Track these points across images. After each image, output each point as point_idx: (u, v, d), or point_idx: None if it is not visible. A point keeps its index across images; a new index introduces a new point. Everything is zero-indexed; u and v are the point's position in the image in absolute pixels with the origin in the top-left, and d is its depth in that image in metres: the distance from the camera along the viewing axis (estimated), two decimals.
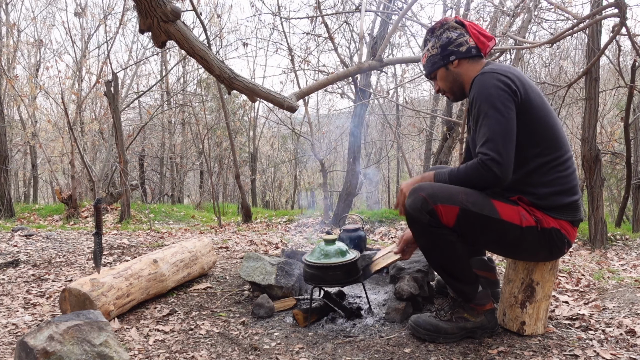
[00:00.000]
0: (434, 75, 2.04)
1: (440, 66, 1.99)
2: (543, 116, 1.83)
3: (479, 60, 1.97)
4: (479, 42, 1.95)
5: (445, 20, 1.99)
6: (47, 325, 1.53)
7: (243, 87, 2.21)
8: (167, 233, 5.24)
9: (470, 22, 1.98)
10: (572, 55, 9.39)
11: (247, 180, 12.87)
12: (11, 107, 11.70)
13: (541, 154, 1.82)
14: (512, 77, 1.80)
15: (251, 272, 2.50)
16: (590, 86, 4.42)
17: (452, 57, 1.96)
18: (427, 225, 1.79)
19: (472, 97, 1.84)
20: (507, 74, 1.81)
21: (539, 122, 1.82)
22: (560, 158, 1.84)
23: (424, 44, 2.06)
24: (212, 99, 12.32)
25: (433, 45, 1.99)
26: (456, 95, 2.06)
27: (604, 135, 8.52)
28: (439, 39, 1.98)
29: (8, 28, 10.66)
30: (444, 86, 2.04)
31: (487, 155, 1.72)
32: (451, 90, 2.05)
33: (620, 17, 2.97)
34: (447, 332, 1.94)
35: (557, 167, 1.83)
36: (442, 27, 1.98)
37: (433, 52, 1.99)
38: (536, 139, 1.82)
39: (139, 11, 1.89)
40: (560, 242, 1.85)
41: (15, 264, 3.28)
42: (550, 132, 1.84)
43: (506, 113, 1.75)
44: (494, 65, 1.88)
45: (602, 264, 3.63)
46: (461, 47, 1.94)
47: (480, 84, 1.81)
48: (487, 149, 1.73)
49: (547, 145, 1.83)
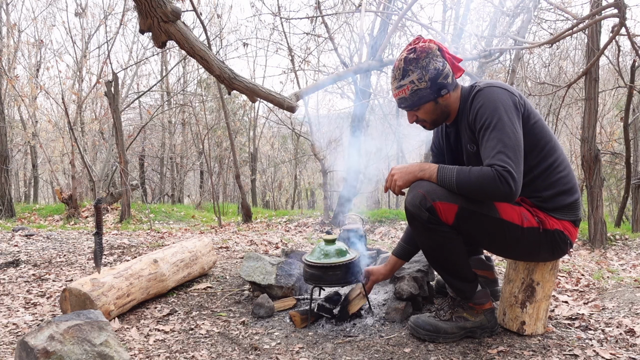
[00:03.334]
0: (417, 109, 1.90)
1: (429, 100, 1.86)
2: (538, 120, 1.84)
3: (458, 85, 1.92)
4: (454, 67, 1.89)
5: (429, 47, 1.83)
6: (48, 325, 1.54)
7: (243, 87, 2.21)
8: (167, 233, 5.24)
9: (443, 45, 1.89)
10: (572, 55, 9.40)
11: (247, 180, 12.87)
12: (12, 107, 11.72)
13: (544, 159, 1.83)
14: (515, 92, 1.81)
15: (251, 272, 2.50)
16: (589, 86, 4.43)
17: (443, 92, 1.85)
18: (426, 222, 1.79)
19: (477, 109, 1.78)
20: (510, 89, 1.81)
21: (537, 131, 1.83)
22: (558, 160, 1.86)
23: (402, 73, 1.85)
24: (212, 99, 12.33)
25: (420, 77, 1.82)
26: (437, 124, 1.97)
27: (603, 135, 8.53)
28: (425, 70, 1.82)
29: (9, 28, 10.67)
30: (426, 118, 1.92)
31: (504, 167, 1.65)
32: (434, 122, 1.95)
33: (620, 17, 2.98)
34: (446, 331, 1.94)
35: (557, 168, 1.85)
36: (427, 56, 1.82)
37: (420, 85, 1.83)
38: (538, 144, 1.83)
39: (139, 11, 1.89)
40: (563, 243, 1.86)
41: (16, 263, 3.28)
42: (546, 137, 1.85)
43: (516, 126, 1.73)
44: (487, 81, 1.86)
45: (601, 263, 3.63)
46: (448, 78, 1.85)
47: (488, 97, 1.77)
48: (503, 161, 1.66)
49: (548, 148, 1.84)
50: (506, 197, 1.68)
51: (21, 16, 19.72)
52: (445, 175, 1.77)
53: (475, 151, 1.85)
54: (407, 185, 1.85)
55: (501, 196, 1.68)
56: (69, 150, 8.87)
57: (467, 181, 1.71)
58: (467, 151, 1.92)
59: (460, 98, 1.91)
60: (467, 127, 1.86)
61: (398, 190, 1.86)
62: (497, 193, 1.67)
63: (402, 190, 1.87)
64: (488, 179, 1.67)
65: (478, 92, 1.81)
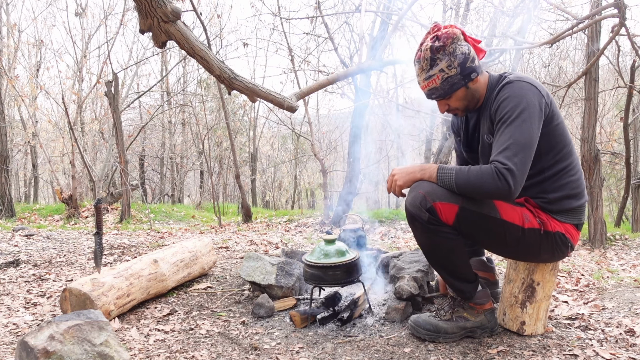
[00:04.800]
0: (449, 97, 1.87)
1: (461, 86, 1.83)
2: (561, 122, 1.82)
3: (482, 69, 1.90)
4: (477, 50, 1.87)
5: (453, 33, 1.79)
6: (48, 325, 1.54)
7: (243, 87, 2.22)
8: (167, 233, 5.24)
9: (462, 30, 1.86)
10: (572, 55, 9.40)
11: (247, 180, 12.88)
12: (12, 107, 11.72)
13: (558, 162, 1.82)
14: (543, 91, 1.76)
15: (251, 272, 2.50)
16: (589, 86, 4.43)
17: (473, 75, 1.81)
18: (426, 222, 1.79)
19: (501, 101, 1.76)
20: (539, 87, 1.76)
21: (557, 133, 1.80)
22: (571, 164, 1.84)
23: (430, 63, 1.81)
24: (212, 99, 12.33)
25: (449, 64, 1.79)
26: (469, 110, 1.92)
27: (603, 135, 8.53)
28: (453, 56, 1.78)
29: (9, 28, 10.67)
30: (459, 105, 1.89)
31: (505, 164, 1.65)
32: (465, 108, 1.90)
33: (620, 17, 2.98)
34: (446, 331, 1.94)
35: (569, 172, 1.84)
36: (453, 42, 1.78)
37: (451, 72, 1.79)
38: (556, 147, 1.81)
39: (140, 11, 1.89)
40: (564, 246, 1.85)
41: (16, 263, 3.28)
42: (565, 140, 1.83)
43: (534, 127, 1.70)
44: (520, 75, 1.81)
45: (601, 263, 3.63)
46: (475, 61, 1.82)
47: (515, 91, 1.74)
48: (506, 158, 1.65)
49: (565, 152, 1.82)
50: (504, 195, 1.67)
51: (21, 16, 19.74)
52: (444, 175, 1.77)
53: (491, 142, 1.83)
54: (407, 185, 1.85)
55: (499, 194, 1.67)
56: (69, 150, 8.87)
57: (466, 180, 1.71)
58: (482, 141, 1.91)
59: (488, 85, 1.88)
60: (488, 117, 1.84)
61: (399, 190, 1.86)
62: (495, 191, 1.66)
63: (402, 191, 1.87)
64: (487, 177, 1.67)
65: (506, 85, 1.78)
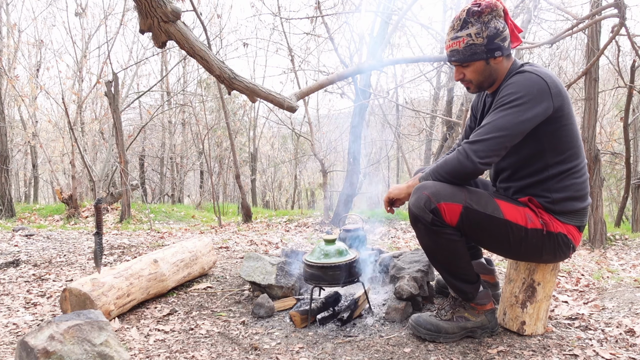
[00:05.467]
0: (467, 65, 1.85)
1: (482, 59, 1.81)
2: (572, 125, 1.80)
3: (511, 55, 1.88)
4: (513, 36, 1.84)
5: (495, 5, 1.77)
6: (48, 325, 1.54)
7: (243, 87, 2.21)
8: (167, 233, 5.24)
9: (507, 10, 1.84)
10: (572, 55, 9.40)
11: (247, 180, 12.87)
12: (12, 107, 11.72)
13: (563, 162, 1.81)
14: (553, 90, 1.72)
15: (251, 272, 2.50)
16: (589, 86, 4.43)
17: (497, 53, 1.80)
18: (430, 224, 1.78)
19: (505, 86, 1.78)
20: (552, 84, 1.73)
21: (566, 131, 1.78)
22: (579, 166, 1.84)
23: (462, 24, 1.79)
24: (212, 99, 12.33)
25: (478, 32, 1.76)
26: (482, 88, 1.92)
27: (603, 135, 8.53)
28: (486, 26, 1.76)
29: (9, 28, 10.67)
30: (474, 78, 1.87)
31: (472, 142, 1.74)
32: (480, 84, 1.89)
33: (620, 17, 2.98)
34: (447, 331, 1.94)
35: (575, 174, 1.83)
36: (491, 12, 1.76)
37: (477, 40, 1.77)
38: (561, 147, 1.80)
39: (140, 11, 1.89)
40: (566, 247, 1.85)
41: (16, 263, 3.28)
42: (576, 141, 1.82)
43: (522, 116, 1.70)
44: (537, 68, 1.79)
45: (601, 263, 3.63)
46: (505, 41, 1.80)
47: (521, 80, 1.74)
48: (475, 136, 1.75)
49: (571, 153, 1.81)
50: (470, 172, 1.75)
51: (21, 16, 19.72)
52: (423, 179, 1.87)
53: None
54: (406, 197, 1.96)
55: (465, 172, 1.75)
56: (69, 150, 8.87)
57: (435, 170, 1.83)
58: None
59: (507, 71, 1.87)
60: None
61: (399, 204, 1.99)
62: (460, 168, 1.75)
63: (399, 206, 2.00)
64: (454, 160, 1.77)
65: (517, 73, 1.78)
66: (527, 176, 1.85)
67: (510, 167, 1.90)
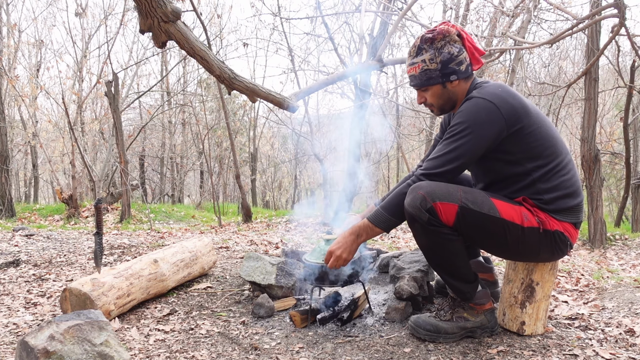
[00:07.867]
0: (425, 89, 1.94)
1: (437, 83, 1.89)
2: (538, 128, 1.82)
3: (471, 76, 1.94)
4: (473, 58, 1.91)
5: (448, 31, 1.85)
6: (48, 325, 1.54)
7: (243, 87, 2.21)
8: (167, 233, 5.25)
9: (467, 35, 1.90)
10: (572, 55, 9.41)
11: (247, 180, 12.87)
12: (12, 108, 11.73)
13: (544, 165, 1.82)
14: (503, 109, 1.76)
15: (251, 272, 2.51)
16: (589, 86, 4.43)
17: (452, 77, 1.87)
18: (426, 224, 1.79)
19: (456, 114, 1.84)
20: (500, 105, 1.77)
21: (534, 136, 1.81)
22: (562, 163, 1.84)
23: (417, 51, 1.89)
24: (213, 99, 12.33)
25: (432, 58, 1.85)
26: (444, 111, 1.99)
27: (603, 135, 8.52)
28: (439, 52, 1.85)
29: (9, 28, 10.67)
30: (434, 101, 1.95)
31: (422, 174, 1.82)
32: (441, 107, 1.97)
33: (620, 17, 2.98)
34: (447, 331, 1.94)
35: (560, 171, 1.84)
36: (444, 38, 1.85)
37: (431, 66, 1.86)
38: (534, 152, 1.82)
39: (140, 12, 1.89)
40: (563, 244, 1.85)
41: (16, 263, 3.29)
42: (548, 141, 1.83)
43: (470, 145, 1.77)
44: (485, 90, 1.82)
45: (601, 263, 3.63)
46: (461, 65, 1.87)
47: (470, 108, 1.80)
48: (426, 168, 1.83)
49: (548, 154, 1.82)
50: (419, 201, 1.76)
51: (21, 16, 19.74)
52: (378, 219, 1.88)
53: None
54: (354, 254, 1.95)
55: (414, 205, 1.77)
56: (69, 150, 8.88)
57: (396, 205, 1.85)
58: None
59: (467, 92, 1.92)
60: None
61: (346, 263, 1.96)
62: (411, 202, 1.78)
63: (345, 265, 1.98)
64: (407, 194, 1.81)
65: (467, 100, 1.84)
66: (513, 183, 1.87)
67: (493, 183, 1.93)
